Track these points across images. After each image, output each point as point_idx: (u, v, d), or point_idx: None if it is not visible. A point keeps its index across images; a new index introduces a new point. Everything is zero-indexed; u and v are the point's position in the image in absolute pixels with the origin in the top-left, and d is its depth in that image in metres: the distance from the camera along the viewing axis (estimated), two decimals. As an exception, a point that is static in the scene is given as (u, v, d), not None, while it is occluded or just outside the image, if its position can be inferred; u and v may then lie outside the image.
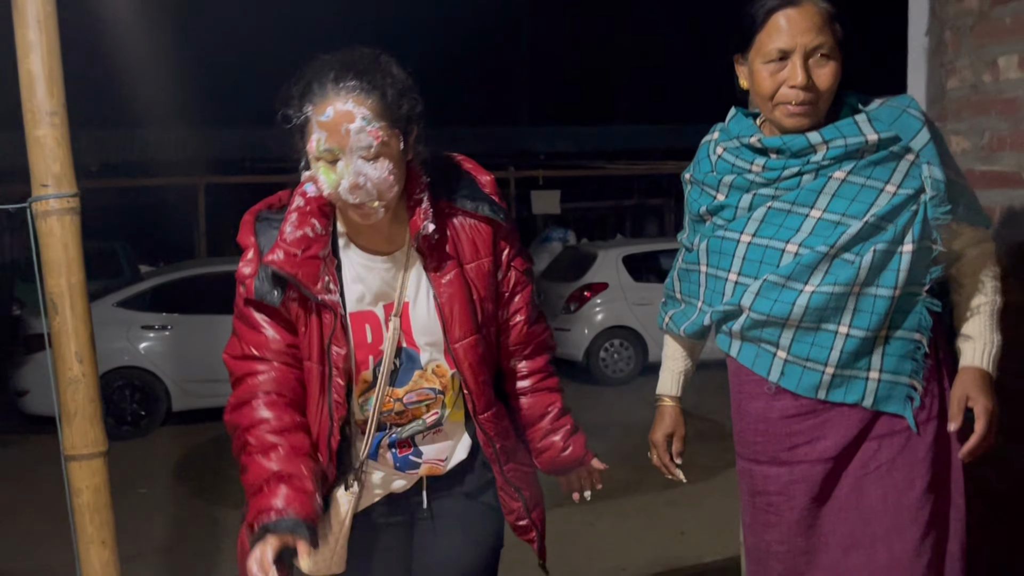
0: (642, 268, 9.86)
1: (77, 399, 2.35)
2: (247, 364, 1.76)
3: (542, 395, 1.94)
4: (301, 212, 1.70)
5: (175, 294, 8.04)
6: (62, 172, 2.28)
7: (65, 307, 2.30)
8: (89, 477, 2.37)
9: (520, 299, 1.88)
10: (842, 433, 1.80)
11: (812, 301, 1.75)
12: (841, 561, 1.82)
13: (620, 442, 7.04)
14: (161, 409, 7.74)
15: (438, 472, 1.86)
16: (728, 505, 5.30)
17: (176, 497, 6.05)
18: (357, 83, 1.60)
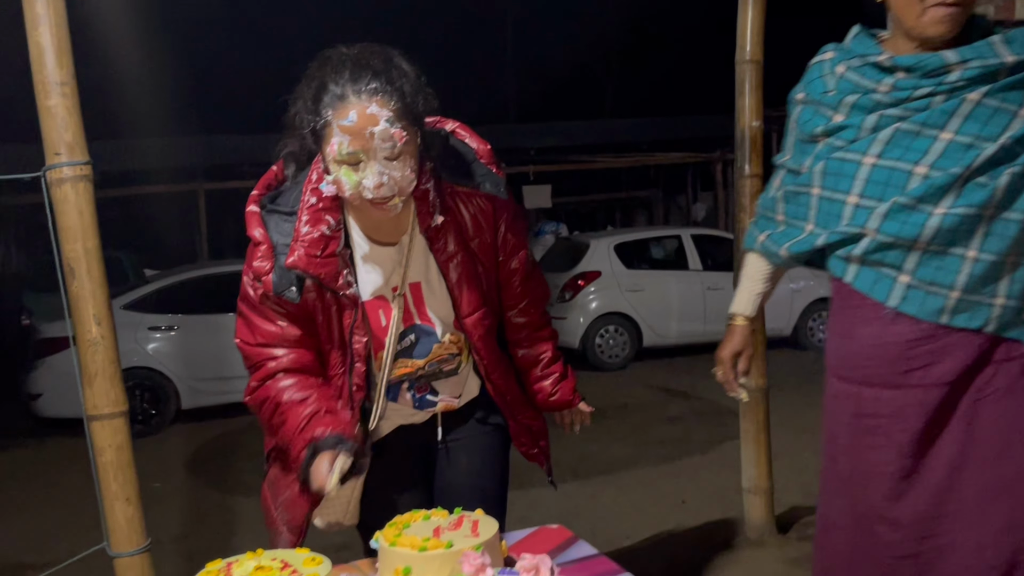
0: (633, 256, 9.90)
1: (97, 360, 2.38)
2: (264, 351, 1.77)
3: (536, 345, 2.03)
4: (314, 210, 1.70)
5: (180, 296, 8.04)
6: (74, 140, 2.31)
7: (82, 271, 2.33)
8: (112, 436, 2.40)
9: (517, 260, 1.91)
10: (960, 359, 1.74)
11: (944, 223, 1.69)
12: (945, 481, 1.77)
13: (619, 422, 7.12)
14: (171, 408, 7.74)
15: (453, 408, 1.94)
16: (725, 476, 5.36)
17: (190, 489, 6.05)
18: (377, 85, 1.58)
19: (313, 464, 1.65)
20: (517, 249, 1.90)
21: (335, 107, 1.58)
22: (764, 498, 3.25)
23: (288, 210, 1.72)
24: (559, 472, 2.26)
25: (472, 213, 1.80)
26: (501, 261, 1.88)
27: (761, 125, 3.06)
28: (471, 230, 1.80)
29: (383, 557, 1.52)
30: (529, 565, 1.34)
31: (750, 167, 3.08)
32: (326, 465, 1.63)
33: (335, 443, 1.65)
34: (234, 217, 15.83)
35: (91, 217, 2.34)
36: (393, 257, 1.78)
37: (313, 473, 1.65)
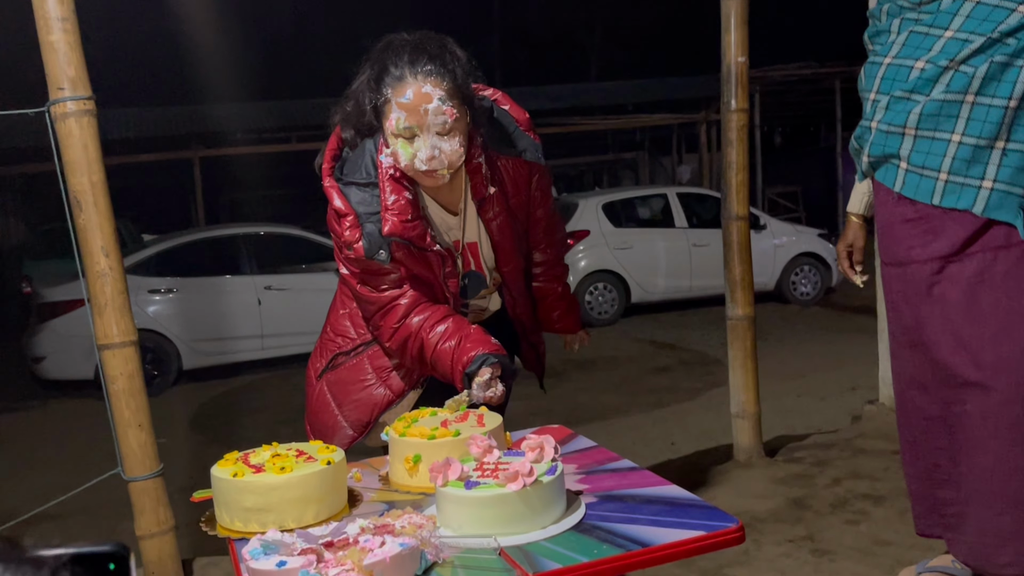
0: (621, 215, 9.91)
1: (106, 291, 2.40)
2: (388, 293, 1.91)
3: (551, 280, 2.27)
4: (393, 180, 1.83)
5: (178, 259, 8.01)
6: (77, 76, 2.31)
7: (89, 204, 2.35)
8: (123, 364, 2.42)
9: (542, 211, 2.10)
10: (951, 236, 1.83)
11: (926, 108, 1.80)
12: (948, 357, 1.87)
13: (609, 373, 7.18)
14: (172, 368, 7.74)
15: (481, 319, 2.14)
16: (711, 418, 5.43)
17: (195, 444, 6.09)
18: (432, 67, 1.75)
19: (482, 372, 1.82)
20: (544, 203, 2.09)
21: (394, 86, 1.75)
22: (752, 422, 3.30)
23: (364, 180, 1.86)
24: (553, 419, 2.49)
25: (512, 176, 1.97)
26: (529, 212, 2.07)
27: (747, 60, 3.07)
28: (511, 191, 1.98)
29: (394, 448, 1.55)
30: (534, 444, 1.37)
31: (736, 102, 3.09)
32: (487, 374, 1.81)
33: (480, 363, 1.81)
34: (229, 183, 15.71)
35: (96, 151, 2.35)
36: (452, 221, 1.96)
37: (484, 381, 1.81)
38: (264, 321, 7.95)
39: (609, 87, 15.29)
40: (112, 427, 2.45)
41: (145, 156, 11.63)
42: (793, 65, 13.18)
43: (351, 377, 2.07)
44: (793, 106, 16.56)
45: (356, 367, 2.07)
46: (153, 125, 11.03)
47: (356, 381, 2.07)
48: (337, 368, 2.09)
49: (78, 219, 2.36)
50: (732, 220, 3.20)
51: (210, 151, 12.05)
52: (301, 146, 12.77)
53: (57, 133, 2.33)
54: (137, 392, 2.43)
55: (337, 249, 1.91)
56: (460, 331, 1.87)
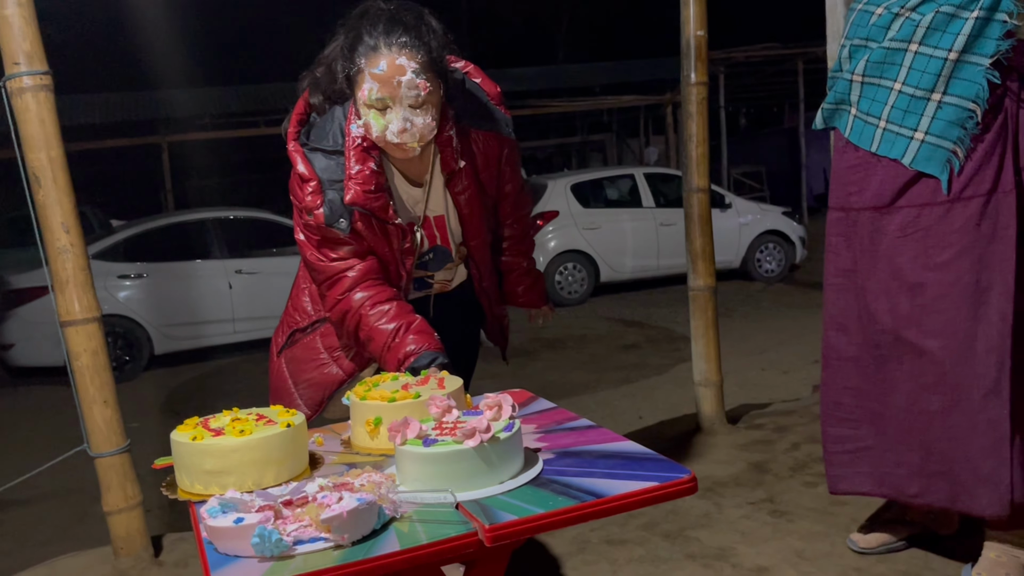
0: (589, 195, 9.93)
1: (67, 268, 2.36)
2: (338, 264, 1.88)
3: (515, 257, 2.25)
4: (359, 149, 1.81)
5: (148, 244, 7.91)
6: (32, 50, 2.27)
7: (48, 180, 2.31)
8: (86, 341, 2.39)
9: (511, 185, 2.09)
10: (879, 185, 1.87)
11: (873, 55, 1.82)
12: (873, 304, 1.94)
13: (578, 351, 7.21)
14: (144, 354, 7.66)
15: (446, 290, 2.14)
16: (679, 394, 5.48)
17: (167, 428, 5.94)
18: (408, 39, 1.72)
19: None
20: (513, 177, 2.08)
21: (368, 56, 1.72)
22: (714, 390, 3.34)
23: (331, 148, 1.83)
24: None
25: (482, 150, 1.95)
26: (498, 186, 2.05)
27: (705, 34, 3.07)
28: (481, 165, 1.96)
29: (354, 411, 1.55)
30: (492, 403, 1.38)
31: (695, 75, 3.10)
32: None
33: (430, 360, 1.78)
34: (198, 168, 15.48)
35: (53, 126, 2.30)
36: (417, 193, 1.94)
37: None
38: (235, 305, 7.89)
39: (576, 69, 15.24)
40: (77, 404, 2.42)
41: (112, 141, 11.44)
42: (756, 46, 13.23)
43: (305, 355, 2.06)
44: (757, 87, 16.63)
45: (309, 345, 2.05)
46: (120, 110, 10.83)
47: (309, 360, 2.05)
48: (294, 345, 2.08)
49: (37, 195, 2.32)
50: (693, 192, 3.21)
51: (178, 136, 11.88)
52: (270, 130, 12.63)
53: (13, 108, 2.28)
54: (101, 368, 2.40)
55: (297, 214, 1.88)
56: (402, 318, 1.85)
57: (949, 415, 1.86)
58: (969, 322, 1.82)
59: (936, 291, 1.85)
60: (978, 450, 1.83)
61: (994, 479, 1.81)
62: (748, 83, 15.62)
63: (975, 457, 1.83)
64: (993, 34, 1.73)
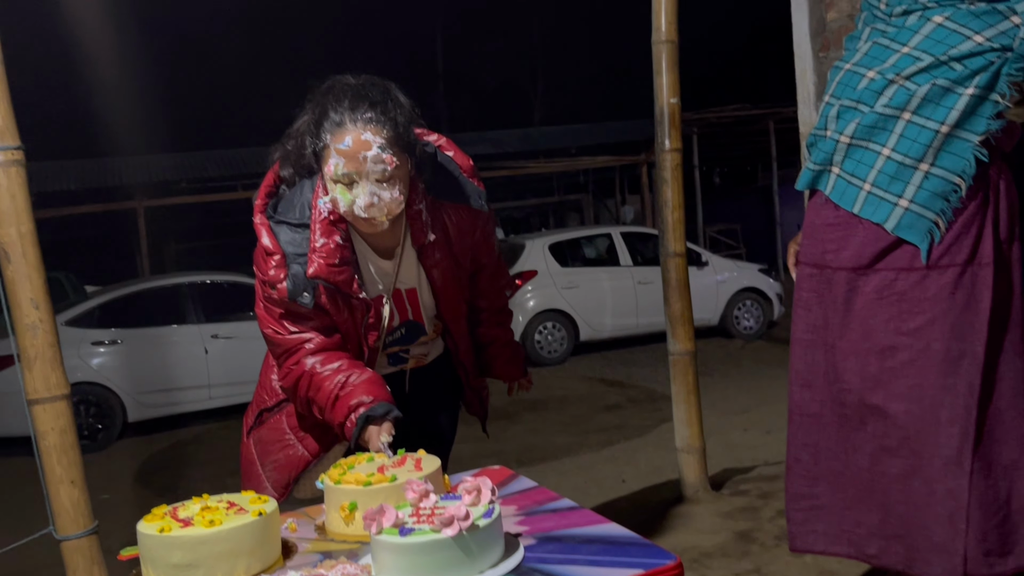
0: (567, 255, 9.98)
1: (37, 344, 2.31)
2: (297, 336, 1.85)
3: (493, 329, 2.22)
4: (326, 223, 1.79)
5: (123, 310, 7.81)
6: (4, 125, 2.25)
7: (17, 255, 2.26)
8: (54, 419, 2.33)
9: (487, 257, 2.08)
10: (859, 246, 1.87)
11: (865, 119, 1.83)
12: (841, 363, 1.92)
13: (558, 413, 7.14)
14: (117, 422, 7.50)
15: (422, 364, 2.10)
16: (662, 456, 5.43)
17: (139, 499, 5.89)
18: (373, 114, 1.72)
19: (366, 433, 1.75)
20: (489, 249, 2.06)
21: (334, 132, 1.72)
22: (697, 457, 3.30)
23: (297, 221, 1.82)
24: (504, 461, 2.52)
25: (456, 223, 1.93)
26: (474, 259, 2.04)
27: (679, 102, 3.11)
28: (454, 238, 1.94)
29: (329, 496, 1.50)
30: (471, 487, 1.34)
31: (669, 142, 3.13)
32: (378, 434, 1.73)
33: (384, 412, 1.75)
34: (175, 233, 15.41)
35: (24, 201, 2.27)
36: (387, 266, 1.92)
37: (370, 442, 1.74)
38: (211, 370, 7.77)
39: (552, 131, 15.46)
40: (43, 484, 2.35)
41: (88, 207, 11.38)
42: (728, 107, 13.49)
43: (270, 436, 2.01)
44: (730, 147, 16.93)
45: (275, 425, 2.01)
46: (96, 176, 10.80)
47: (275, 441, 2.01)
48: (262, 426, 2.03)
49: (6, 271, 2.27)
50: (670, 257, 3.22)
51: (155, 201, 11.85)
52: (247, 194, 12.63)
53: (-17, 184, 2.25)
54: (69, 447, 2.33)
55: (259, 287, 1.85)
56: (352, 369, 1.81)
57: (909, 480, 1.85)
58: (936, 390, 1.82)
59: (906, 356, 1.84)
60: (934, 518, 1.81)
61: (948, 549, 1.79)
62: (721, 143, 15.90)
63: (931, 525, 1.82)
64: (985, 113, 1.76)
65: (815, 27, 3.29)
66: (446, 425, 2.20)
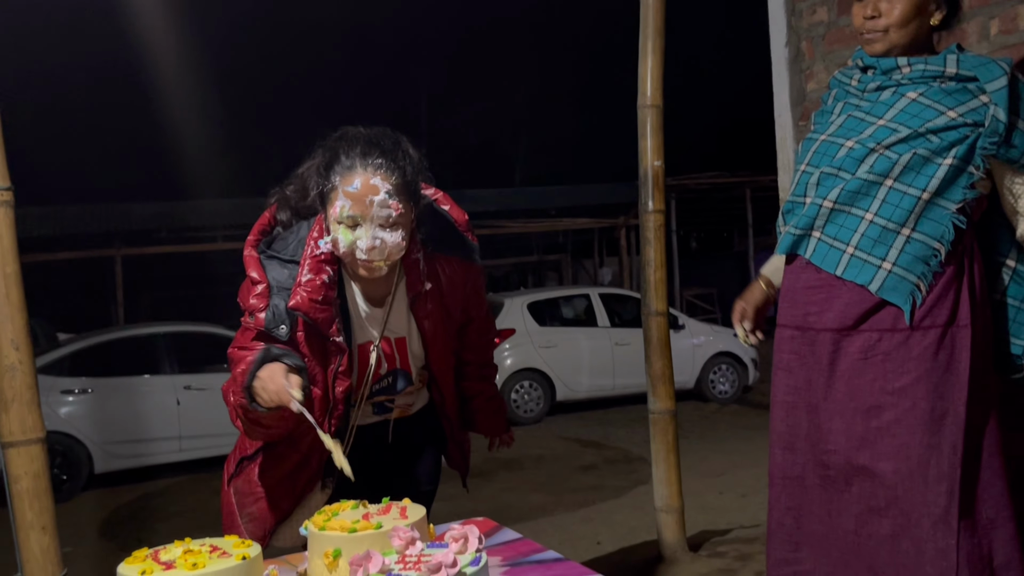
0: (545, 314, 10.01)
1: (15, 386, 2.29)
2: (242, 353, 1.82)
3: (478, 383, 2.24)
4: (316, 261, 1.81)
5: (94, 358, 7.71)
6: (-4, 166, 2.26)
7: (1, 296, 2.26)
8: (28, 463, 2.29)
9: (476, 311, 2.10)
10: (843, 307, 1.91)
11: (848, 185, 1.90)
12: (826, 423, 1.94)
13: (534, 472, 7.10)
14: (83, 473, 7.33)
15: (406, 415, 2.09)
16: (637, 518, 5.40)
17: (103, 553, 5.74)
18: (384, 161, 1.76)
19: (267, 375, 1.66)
20: (479, 303, 2.10)
21: (343, 175, 1.75)
22: (676, 516, 3.29)
23: (288, 257, 1.84)
24: None
25: (448, 275, 1.96)
26: (464, 311, 2.06)
27: (662, 165, 3.18)
28: (446, 290, 1.96)
29: (313, 543, 1.49)
30: (458, 535, 1.33)
31: (653, 203, 3.19)
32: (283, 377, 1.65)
33: (281, 354, 1.70)
34: (150, 283, 15.25)
35: (11, 242, 2.27)
36: (377, 313, 1.93)
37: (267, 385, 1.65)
38: (183, 422, 7.65)
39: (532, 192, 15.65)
40: (13, 530, 2.30)
41: (66, 253, 11.31)
42: (706, 174, 13.74)
43: (246, 488, 1.99)
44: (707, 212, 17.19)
45: (250, 476, 1.98)
46: (74, 222, 10.75)
47: (249, 492, 1.98)
48: (240, 475, 2.01)
49: (-12, 311, 2.26)
50: (652, 316, 3.26)
51: (133, 249, 11.80)
52: (226, 245, 12.61)
53: (-29, 223, 2.25)
54: (42, 493, 2.29)
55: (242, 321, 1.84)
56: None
57: (898, 541, 1.86)
58: (923, 448, 1.85)
59: (892, 415, 1.87)
60: None
61: None
62: (699, 208, 16.15)
63: None
64: (962, 183, 1.86)
65: (795, 97, 3.39)
66: (429, 475, 2.19)
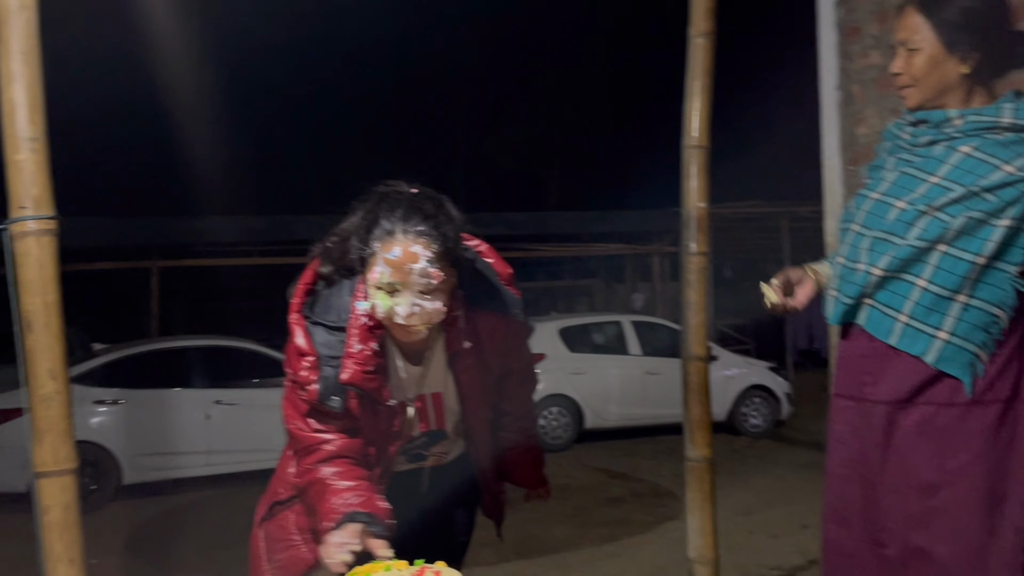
0: (577, 340, 9.95)
1: (50, 416, 2.26)
2: (318, 436, 1.82)
3: (516, 433, 2.18)
4: (364, 328, 1.78)
5: (128, 370, 7.80)
6: (41, 195, 2.25)
7: (40, 325, 2.24)
8: (59, 494, 2.26)
9: (517, 365, 2.06)
10: (901, 377, 1.83)
11: (900, 252, 1.81)
12: (884, 499, 1.86)
13: (561, 503, 7.02)
14: (111, 483, 7.41)
15: (442, 463, 2.08)
16: (665, 554, 5.31)
17: (128, 568, 5.76)
18: (424, 228, 1.71)
19: (341, 532, 1.66)
20: (519, 356, 2.05)
21: (383, 240, 1.72)
22: (710, 569, 3.19)
23: (334, 324, 1.79)
24: (503, 551, 2.47)
25: (489, 331, 1.91)
26: (503, 363, 2.00)
27: (707, 206, 3.12)
28: (486, 346, 1.92)
29: (345, 607, 1.44)
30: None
31: (696, 245, 3.12)
32: (345, 538, 1.65)
33: (367, 520, 1.68)
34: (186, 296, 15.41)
35: (52, 271, 2.26)
36: (415, 372, 1.91)
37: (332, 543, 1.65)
38: (212, 436, 7.71)
39: (566, 217, 15.60)
40: (40, 561, 2.27)
41: (102, 264, 11.46)
42: (743, 203, 13.62)
43: (278, 534, 1.96)
44: (742, 241, 17.02)
45: (283, 523, 1.96)
46: (112, 234, 10.91)
47: (281, 539, 1.95)
48: (272, 519, 1.98)
49: (27, 339, 2.24)
50: (691, 360, 3.18)
51: (169, 262, 11.94)
52: (263, 260, 12.71)
53: (15, 252, 2.24)
54: (72, 525, 2.26)
55: (289, 383, 1.83)
56: (361, 489, 1.75)
57: None
58: (982, 532, 1.76)
59: (950, 494, 1.78)
60: None
61: None
62: (734, 236, 15.99)
63: None
64: (1021, 243, 1.76)
65: (845, 141, 3.31)
66: (463, 524, 2.17)
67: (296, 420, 1.83)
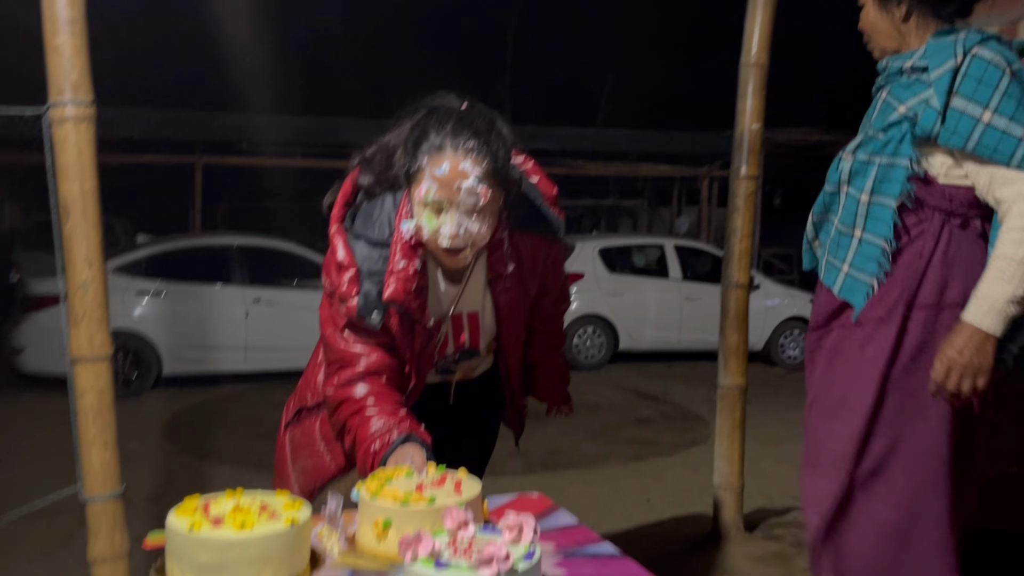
0: (616, 261, 9.87)
1: (86, 302, 2.30)
2: (354, 349, 1.79)
3: (545, 351, 2.19)
4: (407, 247, 1.73)
5: (171, 263, 7.90)
6: (79, 80, 2.23)
7: (77, 212, 2.25)
8: (94, 379, 2.32)
9: (553, 285, 2.03)
10: (821, 306, 2.06)
11: (822, 197, 2.06)
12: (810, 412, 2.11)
13: (590, 420, 7.07)
14: (152, 373, 7.61)
15: (469, 377, 2.04)
16: (689, 478, 5.33)
17: (164, 453, 5.95)
18: (475, 144, 1.64)
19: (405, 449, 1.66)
20: (556, 278, 2.02)
21: (431, 155, 1.64)
22: (734, 495, 3.21)
23: (376, 239, 1.74)
24: (530, 463, 2.48)
25: (530, 253, 1.87)
26: (541, 284, 1.98)
27: (761, 128, 3.01)
28: (526, 268, 1.89)
29: (363, 509, 1.45)
30: (513, 523, 1.28)
31: (747, 168, 3.03)
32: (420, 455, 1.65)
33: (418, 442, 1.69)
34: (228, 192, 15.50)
35: (90, 158, 2.26)
36: (454, 291, 1.87)
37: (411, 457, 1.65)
38: (249, 333, 7.84)
39: (614, 135, 15.19)
40: (75, 444, 2.34)
41: (147, 157, 11.49)
42: (799, 129, 13.22)
43: (303, 440, 1.96)
44: (794, 169, 16.62)
45: (309, 429, 1.95)
46: (158, 127, 10.88)
47: (305, 445, 1.95)
48: (298, 424, 1.98)
49: (65, 226, 2.26)
50: (732, 287, 3.13)
51: (213, 158, 11.95)
52: (305, 162, 12.69)
53: (53, 138, 2.24)
54: (105, 409, 2.32)
55: (327, 296, 1.80)
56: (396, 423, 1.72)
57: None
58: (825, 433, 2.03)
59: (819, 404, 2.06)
60: None
61: None
62: (786, 164, 15.62)
63: None
64: (898, 177, 1.88)
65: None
66: (487, 437, 2.17)
67: (333, 332, 1.80)
